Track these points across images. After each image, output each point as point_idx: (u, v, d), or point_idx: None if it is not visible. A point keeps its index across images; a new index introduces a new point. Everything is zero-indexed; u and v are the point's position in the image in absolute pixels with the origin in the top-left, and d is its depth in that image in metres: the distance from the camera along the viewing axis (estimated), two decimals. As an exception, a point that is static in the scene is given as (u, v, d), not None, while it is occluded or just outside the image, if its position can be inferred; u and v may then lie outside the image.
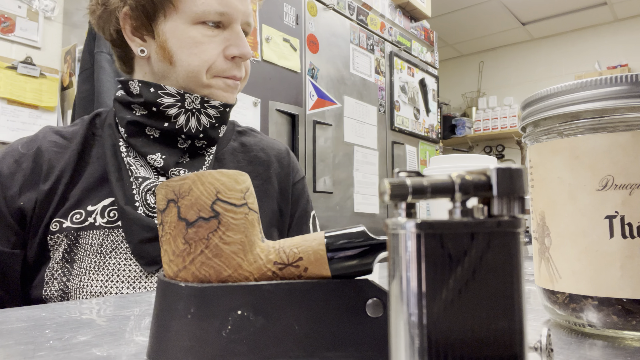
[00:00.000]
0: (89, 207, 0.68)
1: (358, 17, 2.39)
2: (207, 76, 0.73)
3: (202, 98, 0.72)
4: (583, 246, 0.31)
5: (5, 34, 2.03)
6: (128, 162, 0.71)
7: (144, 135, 0.72)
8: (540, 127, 0.34)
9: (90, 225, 0.67)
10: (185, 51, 0.72)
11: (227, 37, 0.73)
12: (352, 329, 0.24)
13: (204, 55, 0.72)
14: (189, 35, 0.71)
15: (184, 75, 0.73)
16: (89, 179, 0.70)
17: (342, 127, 2.21)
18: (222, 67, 0.73)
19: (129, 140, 0.72)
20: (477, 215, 0.18)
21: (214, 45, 0.72)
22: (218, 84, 0.74)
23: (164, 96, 0.71)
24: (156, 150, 0.72)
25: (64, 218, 0.67)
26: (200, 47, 0.72)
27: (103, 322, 0.36)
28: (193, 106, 0.72)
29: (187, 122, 0.72)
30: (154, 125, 0.71)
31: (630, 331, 0.30)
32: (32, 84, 2.08)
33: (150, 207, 0.69)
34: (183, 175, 0.26)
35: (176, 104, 0.71)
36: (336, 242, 0.25)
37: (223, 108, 0.75)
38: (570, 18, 4.17)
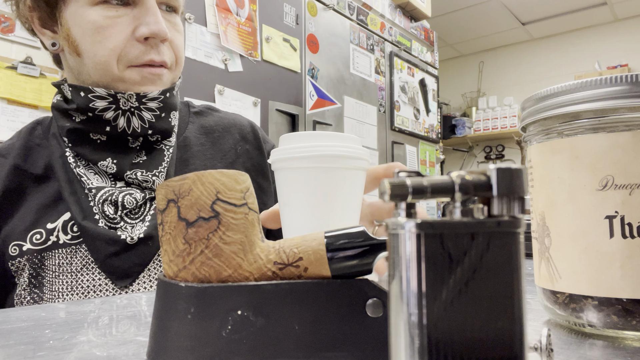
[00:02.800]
0: (48, 225, 0.62)
1: (358, 17, 2.39)
2: (120, 67, 0.62)
3: (138, 95, 0.63)
4: (583, 246, 0.31)
5: (5, 34, 2.03)
6: (78, 173, 0.64)
7: (89, 141, 0.64)
8: (540, 127, 0.34)
9: (54, 245, 0.61)
10: (88, 39, 0.61)
11: (137, 15, 0.62)
12: (352, 329, 0.24)
13: (109, 42, 0.61)
14: (89, 20, 0.61)
15: (92, 68, 0.63)
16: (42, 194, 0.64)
17: (342, 127, 2.21)
18: (134, 52, 0.62)
19: (75, 149, 0.64)
20: (477, 215, 0.18)
21: (120, 27, 0.61)
22: (132, 76, 0.63)
23: (95, 100, 0.62)
24: (106, 156, 0.64)
25: (22, 240, 0.61)
26: (103, 33, 0.61)
27: (103, 322, 0.36)
28: (130, 105, 0.63)
29: (128, 123, 0.64)
30: (96, 131, 0.64)
31: (630, 331, 0.30)
32: (32, 84, 2.08)
33: (110, 218, 0.62)
34: (183, 175, 0.26)
35: (110, 106, 0.62)
36: (336, 242, 0.25)
37: (163, 96, 0.66)
38: (570, 18, 4.17)
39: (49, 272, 0.60)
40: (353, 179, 0.41)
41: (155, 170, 0.66)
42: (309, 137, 0.41)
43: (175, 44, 0.67)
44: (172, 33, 0.66)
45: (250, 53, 1.79)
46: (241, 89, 1.74)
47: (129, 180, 0.64)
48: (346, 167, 0.40)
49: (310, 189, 0.40)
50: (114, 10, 0.61)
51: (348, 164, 0.40)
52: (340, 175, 0.40)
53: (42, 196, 0.64)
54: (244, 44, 1.77)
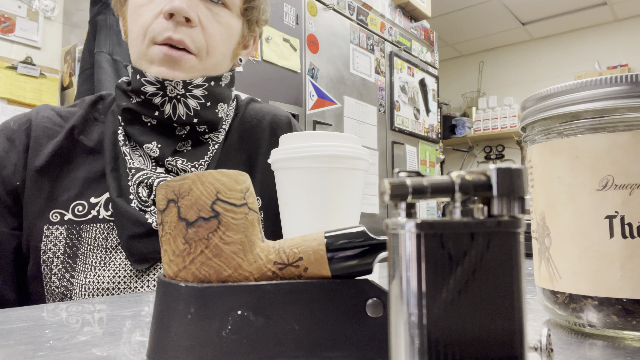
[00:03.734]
0: (92, 199, 0.63)
1: (358, 17, 2.39)
2: (146, 42, 0.64)
3: (184, 82, 0.64)
4: (583, 246, 0.31)
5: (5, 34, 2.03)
6: (124, 151, 0.66)
7: (140, 123, 0.66)
8: (540, 127, 0.34)
9: (93, 219, 0.62)
10: (131, 19, 0.66)
11: None
12: (352, 329, 0.24)
13: (141, 19, 0.64)
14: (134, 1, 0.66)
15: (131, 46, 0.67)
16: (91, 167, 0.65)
17: (342, 127, 2.21)
18: (157, 28, 0.63)
19: (126, 128, 0.67)
20: (477, 215, 0.18)
21: (152, 6, 0.64)
22: (153, 53, 0.64)
23: (146, 84, 0.64)
24: (152, 139, 0.65)
25: (65, 209, 0.63)
26: (139, 11, 0.64)
27: (103, 322, 0.36)
28: (176, 92, 0.65)
29: (174, 110, 0.65)
30: (147, 114, 0.66)
31: (630, 331, 0.30)
32: (32, 84, 2.08)
33: (143, 200, 0.63)
34: (183, 175, 0.26)
35: (158, 92, 0.64)
36: (336, 242, 0.25)
37: (208, 84, 0.67)
38: (570, 18, 4.17)
39: (84, 244, 0.61)
40: (353, 179, 0.41)
41: (197, 162, 0.67)
42: (309, 137, 0.41)
43: (209, 31, 0.66)
44: (207, 20, 0.65)
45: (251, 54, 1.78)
46: (241, 89, 1.74)
47: (169, 167, 0.65)
48: (346, 167, 0.40)
49: (310, 189, 0.40)
50: None
51: (348, 164, 0.40)
52: (340, 175, 0.40)
53: (90, 169, 0.65)
54: (244, 44, 1.77)
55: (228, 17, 0.68)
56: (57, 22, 2.22)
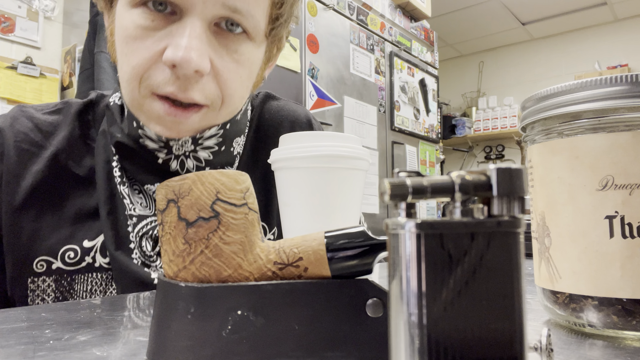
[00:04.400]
0: (85, 243, 0.52)
1: (358, 17, 2.39)
2: (141, 91, 0.49)
3: (194, 138, 0.52)
4: (583, 246, 0.31)
5: (5, 34, 2.03)
6: (122, 192, 0.53)
7: (139, 158, 0.53)
8: (540, 127, 0.34)
9: (88, 267, 0.51)
10: (119, 48, 0.50)
11: (172, 31, 0.47)
12: (352, 329, 0.24)
13: (133, 58, 0.48)
14: (122, 24, 0.48)
15: (123, 88, 0.52)
16: (82, 202, 0.53)
17: (342, 127, 2.21)
18: (157, 78, 0.47)
19: (122, 162, 0.54)
20: (477, 215, 0.18)
21: (149, 42, 0.47)
22: (151, 109, 0.49)
23: (145, 138, 0.52)
24: (154, 180, 0.54)
25: (53, 256, 0.51)
26: (132, 45, 0.48)
27: (103, 322, 0.36)
28: (184, 150, 0.53)
29: (182, 166, 0.54)
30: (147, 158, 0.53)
31: (630, 331, 0.30)
32: (32, 84, 2.08)
33: (147, 255, 0.52)
34: (183, 175, 0.26)
35: (162, 149, 0.52)
36: (336, 242, 0.25)
37: (223, 129, 0.54)
38: (570, 18, 4.17)
39: (78, 298, 0.51)
40: (353, 179, 0.41)
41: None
42: (309, 137, 0.41)
43: (225, 77, 0.50)
44: (223, 63, 0.49)
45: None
46: (241, 89, 1.74)
47: None
48: (346, 167, 0.40)
49: (310, 189, 0.40)
50: (149, 19, 0.47)
51: (348, 164, 0.40)
52: (340, 175, 0.40)
53: (81, 205, 0.53)
54: (244, 44, 1.77)
55: (250, 50, 0.52)
56: (57, 22, 2.22)
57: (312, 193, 0.40)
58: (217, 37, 0.49)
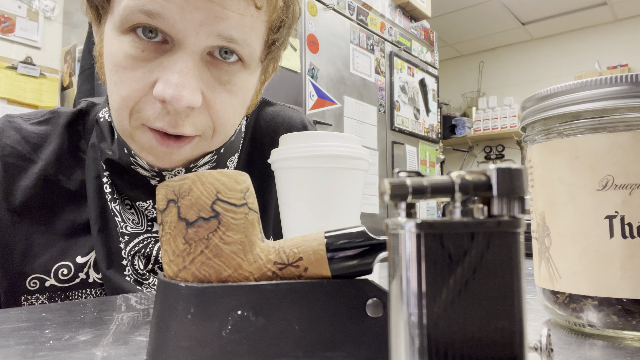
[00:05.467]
0: (79, 259, 0.51)
1: (358, 17, 2.39)
2: (132, 122, 0.47)
3: (187, 167, 0.51)
4: (583, 246, 0.31)
5: (5, 34, 2.03)
6: (113, 209, 0.52)
7: (129, 174, 0.52)
8: (540, 127, 0.34)
9: (82, 283, 0.51)
10: (109, 76, 0.47)
11: (164, 63, 0.44)
12: (352, 329, 0.24)
13: (123, 89, 0.45)
14: (111, 52, 0.46)
15: (113, 116, 0.49)
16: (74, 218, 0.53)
17: (342, 127, 2.21)
18: (148, 112, 0.46)
19: (113, 178, 0.52)
20: (477, 215, 0.18)
21: (139, 74, 0.45)
22: (142, 140, 0.48)
23: (137, 166, 0.51)
24: (146, 197, 0.52)
25: (46, 274, 0.50)
26: (121, 75, 0.45)
27: (103, 322, 0.36)
28: None
29: None
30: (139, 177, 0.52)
31: (630, 331, 0.30)
32: (32, 84, 2.08)
33: (139, 273, 0.51)
34: (183, 175, 0.26)
35: (154, 177, 0.52)
36: (336, 242, 0.25)
37: (217, 154, 0.54)
38: (570, 18, 4.17)
39: None
40: (353, 178, 0.41)
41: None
42: (309, 137, 0.41)
43: (216, 109, 0.48)
44: (214, 95, 0.47)
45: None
46: (241, 89, 1.74)
47: None
48: (346, 167, 0.40)
49: (310, 189, 0.40)
50: (139, 49, 0.44)
51: (348, 164, 0.40)
52: (340, 175, 0.40)
53: (73, 220, 0.52)
54: (244, 44, 1.77)
55: (243, 79, 0.50)
56: (57, 22, 2.22)
57: (312, 193, 0.40)
58: (209, 68, 0.47)
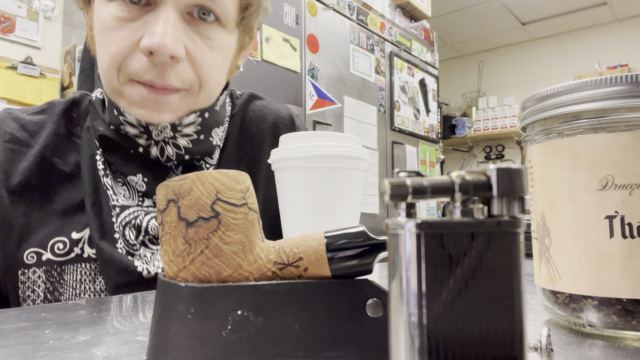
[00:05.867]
0: (74, 234, 0.54)
1: (358, 17, 2.39)
2: (120, 79, 0.51)
3: (173, 125, 0.54)
4: (583, 246, 0.31)
5: (5, 34, 2.03)
6: (105, 184, 0.55)
7: (122, 150, 0.56)
8: (540, 127, 0.34)
9: (77, 257, 0.53)
10: (98, 39, 0.52)
11: (148, 20, 0.49)
12: (352, 329, 0.24)
13: (111, 48, 0.50)
14: (100, 17, 0.51)
15: (102, 77, 0.54)
16: (69, 196, 0.56)
17: (342, 127, 2.21)
18: (135, 66, 0.50)
19: (106, 155, 0.56)
20: (477, 215, 0.18)
21: (126, 32, 0.50)
22: (131, 94, 0.52)
23: (126, 124, 0.54)
24: (137, 171, 0.56)
25: (43, 248, 0.53)
26: (109, 36, 0.50)
27: (103, 322, 0.36)
28: (164, 136, 0.55)
29: (162, 152, 0.56)
30: (129, 147, 0.55)
31: (630, 331, 0.30)
32: (32, 84, 2.08)
33: (130, 244, 0.54)
34: (183, 175, 0.26)
35: (142, 135, 0.55)
36: (336, 242, 0.25)
37: (202, 118, 0.57)
38: (570, 18, 4.17)
39: (68, 288, 0.53)
40: (353, 178, 0.41)
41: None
42: (309, 137, 0.41)
43: (200, 63, 0.53)
44: (197, 49, 0.52)
45: (250, 53, 1.79)
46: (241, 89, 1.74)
47: None
48: (346, 167, 0.40)
49: (310, 189, 0.40)
50: (125, 11, 0.49)
51: (348, 164, 0.40)
52: (340, 175, 0.40)
53: (68, 199, 0.56)
54: (244, 44, 1.77)
55: (222, 37, 0.55)
56: (57, 22, 2.22)
57: (312, 193, 0.40)
58: (190, 25, 0.52)
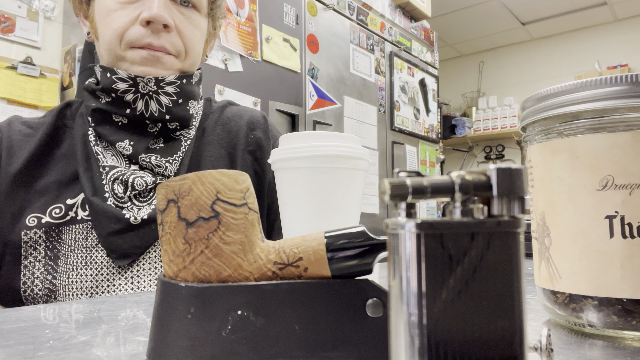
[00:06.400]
0: (68, 201, 0.66)
1: (358, 17, 2.39)
2: (122, 47, 0.67)
3: (157, 79, 0.67)
4: (583, 246, 0.31)
5: (5, 34, 2.03)
6: (96, 151, 0.67)
7: (111, 122, 0.68)
8: (540, 127, 0.34)
9: (72, 220, 0.65)
10: (102, 22, 0.68)
11: (144, 2, 0.66)
12: (352, 329, 0.24)
13: (115, 23, 0.66)
14: (104, 5, 0.67)
15: (103, 49, 0.69)
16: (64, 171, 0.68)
17: (342, 127, 2.21)
18: (134, 34, 0.66)
19: (97, 129, 0.68)
20: (477, 215, 0.18)
21: (127, 12, 0.66)
22: (132, 56, 0.67)
23: (117, 81, 0.66)
24: (124, 137, 0.67)
25: (42, 213, 0.65)
26: (112, 15, 0.66)
27: (103, 322, 0.36)
28: (148, 89, 0.66)
29: (146, 107, 0.67)
30: (117, 112, 0.67)
31: (630, 331, 0.30)
32: (32, 84, 2.08)
33: (118, 197, 0.65)
34: (183, 175, 0.26)
35: (130, 89, 0.66)
36: (336, 242, 0.25)
37: (180, 81, 0.69)
38: (570, 18, 4.17)
39: (65, 245, 0.64)
40: (353, 179, 0.41)
41: (170, 157, 0.69)
42: (309, 137, 0.41)
43: (185, 34, 0.69)
44: (182, 24, 0.69)
45: (250, 53, 1.79)
46: (241, 89, 1.74)
47: (143, 163, 0.67)
48: (346, 167, 0.40)
49: (310, 189, 0.40)
50: None
51: (348, 164, 0.40)
52: (340, 175, 0.40)
53: (63, 173, 0.68)
54: (244, 44, 1.77)
55: (199, 18, 0.72)
56: (57, 22, 2.22)
57: (312, 193, 0.40)
58: (175, 7, 0.69)
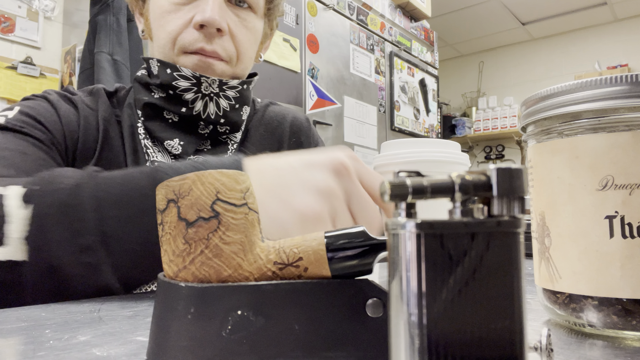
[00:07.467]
0: None
1: (358, 17, 2.39)
2: (175, 51, 0.65)
3: (221, 81, 0.65)
4: (583, 246, 0.31)
5: (5, 34, 2.03)
6: (145, 144, 0.66)
7: (161, 118, 0.67)
8: (540, 127, 0.34)
9: None
10: (156, 23, 0.66)
11: (199, 4, 0.63)
12: (352, 329, 0.24)
13: (169, 26, 0.64)
14: (159, 5, 0.65)
15: (157, 51, 0.67)
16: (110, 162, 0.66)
17: (342, 127, 2.21)
18: (188, 38, 0.64)
19: (146, 123, 0.67)
20: (477, 215, 0.18)
21: (181, 14, 0.64)
22: (185, 62, 0.65)
23: (179, 79, 0.64)
24: (174, 136, 0.66)
25: None
26: (167, 17, 0.64)
27: (103, 322, 0.36)
28: (211, 90, 0.65)
29: (204, 108, 0.65)
30: (171, 110, 0.66)
31: (630, 331, 0.30)
32: (32, 84, 2.08)
33: None
34: (183, 175, 0.26)
35: (192, 88, 0.64)
36: (336, 242, 0.25)
37: (241, 86, 0.68)
38: (570, 18, 4.17)
39: None
40: None
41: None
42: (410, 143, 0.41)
43: (238, 38, 0.67)
44: (236, 27, 0.67)
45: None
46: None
47: None
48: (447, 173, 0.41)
49: None
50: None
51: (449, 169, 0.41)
52: None
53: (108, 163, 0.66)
54: (244, 44, 1.77)
55: (254, 20, 0.70)
56: (57, 22, 2.22)
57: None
58: (230, 9, 0.66)
